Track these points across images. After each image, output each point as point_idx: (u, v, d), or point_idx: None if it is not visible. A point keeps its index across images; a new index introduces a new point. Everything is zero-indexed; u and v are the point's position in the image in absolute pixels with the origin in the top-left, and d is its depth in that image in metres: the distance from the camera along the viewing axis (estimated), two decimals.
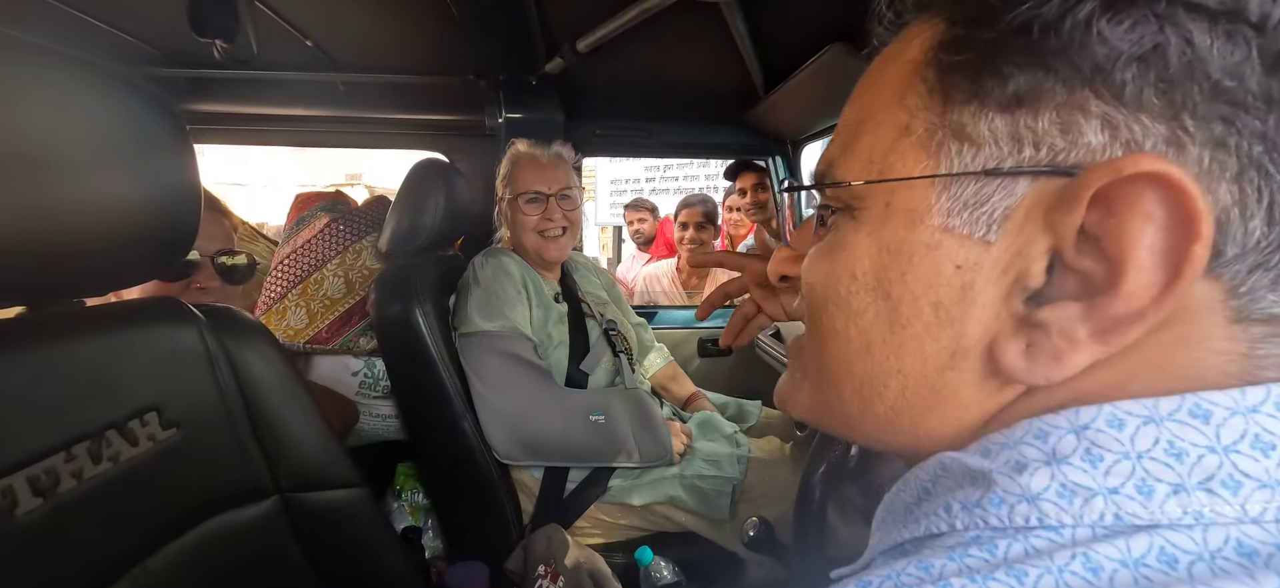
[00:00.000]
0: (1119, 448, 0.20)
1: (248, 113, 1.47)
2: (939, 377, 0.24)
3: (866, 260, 0.25)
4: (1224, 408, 0.19)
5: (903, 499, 0.26)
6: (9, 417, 0.42)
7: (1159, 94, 0.19)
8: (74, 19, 1.05)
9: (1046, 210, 0.21)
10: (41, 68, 0.44)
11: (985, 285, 0.22)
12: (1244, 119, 0.19)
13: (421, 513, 1.19)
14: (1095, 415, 0.21)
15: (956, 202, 0.23)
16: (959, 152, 0.23)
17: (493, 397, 1.03)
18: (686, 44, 1.21)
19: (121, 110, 0.49)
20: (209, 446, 0.58)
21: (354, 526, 0.71)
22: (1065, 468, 0.20)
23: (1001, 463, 0.22)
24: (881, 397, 0.26)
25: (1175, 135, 0.19)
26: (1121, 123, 0.20)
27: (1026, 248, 0.21)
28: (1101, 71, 0.20)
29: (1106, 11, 0.20)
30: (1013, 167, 0.21)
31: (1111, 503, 0.20)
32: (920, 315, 0.24)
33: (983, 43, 0.22)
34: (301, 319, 1.19)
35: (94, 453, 0.46)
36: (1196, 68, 0.19)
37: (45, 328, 0.48)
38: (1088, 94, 0.20)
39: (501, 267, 1.14)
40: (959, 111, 0.22)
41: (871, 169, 0.25)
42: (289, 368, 0.67)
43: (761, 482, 1.08)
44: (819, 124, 1.53)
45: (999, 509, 0.21)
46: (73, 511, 0.44)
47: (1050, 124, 0.21)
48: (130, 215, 0.50)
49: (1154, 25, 0.19)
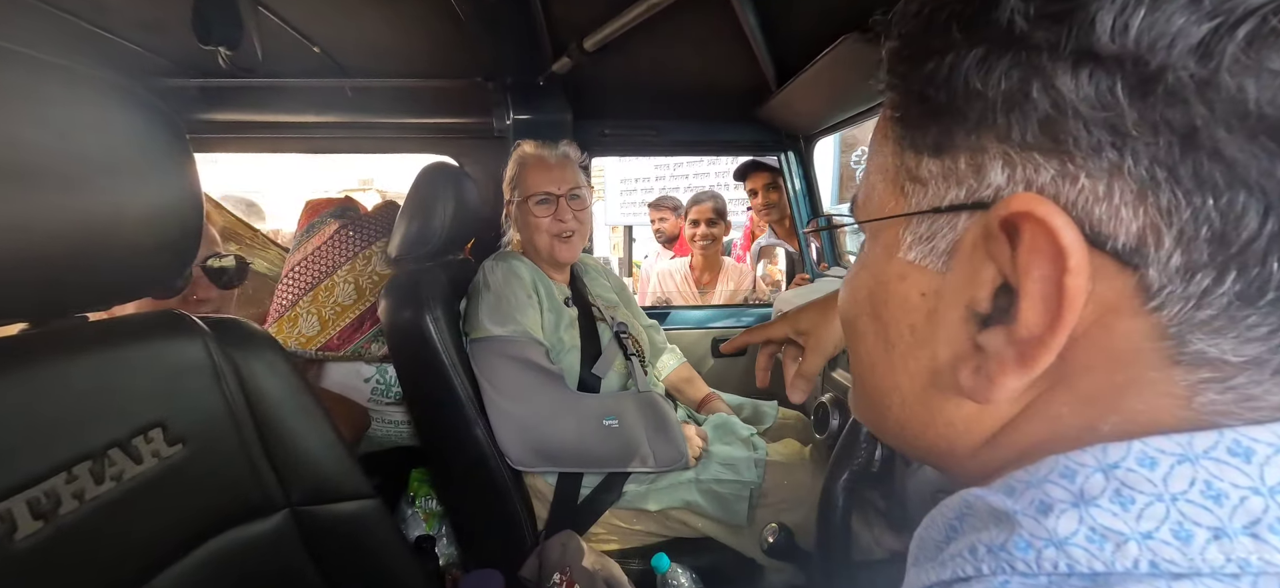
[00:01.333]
0: (1151, 489, 0.19)
1: (258, 121, 1.48)
2: (925, 395, 0.26)
3: (866, 288, 0.29)
4: (1267, 446, 0.18)
5: (932, 537, 0.26)
6: (8, 438, 0.41)
7: (1043, 133, 0.20)
8: (85, 31, 1.06)
9: (984, 241, 0.22)
10: (42, 81, 0.43)
11: (947, 311, 0.24)
12: (1132, 146, 0.19)
13: (435, 520, 1.18)
14: (1125, 454, 0.20)
15: (917, 237, 0.25)
16: (913, 192, 0.25)
17: (505, 402, 1.02)
18: (695, 39, 1.19)
19: (122, 121, 0.48)
20: (216, 461, 0.57)
21: (367, 538, 0.70)
22: (1094, 510, 0.20)
23: (1026, 503, 0.21)
24: (889, 410, 0.29)
25: (1065, 169, 0.20)
26: (1018, 161, 0.21)
27: (975, 276, 0.23)
28: (986, 119, 0.22)
29: (980, 66, 0.21)
30: (948, 204, 0.24)
31: (1146, 549, 0.19)
32: (903, 338, 0.27)
33: (907, 101, 0.25)
34: (313, 326, 1.19)
35: (97, 473, 0.45)
36: (1066, 107, 0.20)
37: (47, 345, 0.47)
38: (987, 138, 0.22)
39: (512, 271, 1.12)
40: (909, 158, 0.25)
41: (867, 207, 0.28)
42: (298, 379, 0.66)
43: (780, 486, 1.05)
44: (833, 118, 1.50)
45: (1025, 554, 0.20)
46: (74, 533, 0.43)
47: (966, 166, 0.23)
48: (133, 228, 0.49)
49: (1018, 73, 0.20)
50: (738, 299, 2.04)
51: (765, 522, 1.01)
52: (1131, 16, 0.18)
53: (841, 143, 4.10)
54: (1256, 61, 0.17)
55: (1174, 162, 0.18)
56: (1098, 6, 0.19)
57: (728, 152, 1.87)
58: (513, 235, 1.25)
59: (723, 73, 1.36)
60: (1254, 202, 0.17)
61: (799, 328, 0.66)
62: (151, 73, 1.27)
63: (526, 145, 1.22)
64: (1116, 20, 0.18)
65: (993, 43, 0.21)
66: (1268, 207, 0.17)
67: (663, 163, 3.77)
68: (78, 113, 0.45)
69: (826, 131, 1.63)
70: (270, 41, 1.11)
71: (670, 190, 3.52)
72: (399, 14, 1.08)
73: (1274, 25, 0.16)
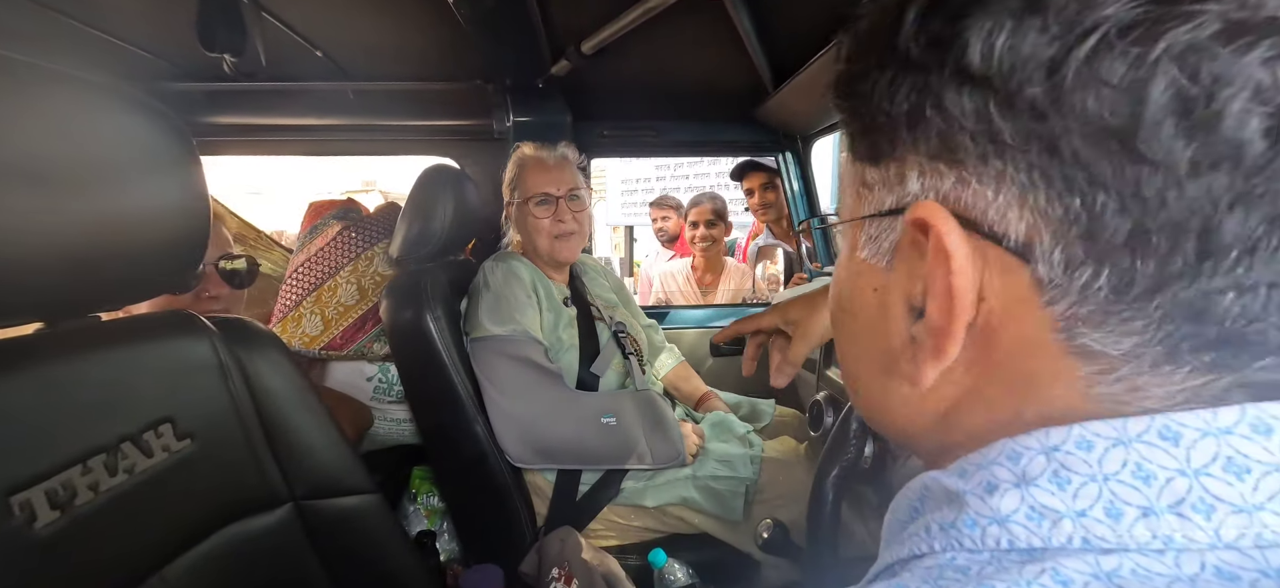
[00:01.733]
0: (1086, 470, 0.20)
1: (262, 124, 1.50)
2: (881, 380, 0.28)
3: (838, 284, 0.31)
4: (1194, 430, 0.20)
5: (898, 517, 0.27)
6: (27, 432, 0.43)
7: (941, 145, 0.22)
8: (93, 38, 1.08)
9: (913, 243, 0.24)
10: (54, 90, 0.45)
11: (893, 304, 0.26)
12: (1011, 154, 0.21)
13: (437, 516, 1.20)
14: (1065, 437, 0.21)
15: (868, 237, 0.27)
16: (865, 197, 0.27)
17: (504, 401, 1.03)
18: (691, 42, 1.20)
19: (131, 128, 0.50)
20: (223, 455, 0.59)
21: (368, 532, 0.72)
22: (1033, 490, 0.21)
23: (974, 484, 0.23)
24: (859, 394, 0.31)
25: (961, 176, 0.22)
26: (928, 171, 0.23)
27: (910, 272, 0.25)
28: (899, 134, 0.24)
29: (889, 88, 0.24)
30: (887, 208, 0.26)
31: (1080, 526, 0.20)
32: (862, 329, 0.29)
33: (847, 119, 0.28)
34: (316, 326, 1.21)
35: (110, 465, 0.47)
36: (953, 122, 0.22)
37: (62, 344, 0.49)
38: (905, 150, 0.24)
39: (512, 271, 1.14)
40: (859, 167, 0.28)
41: (841, 211, 0.31)
42: (301, 377, 0.68)
43: (775, 482, 1.07)
44: (830, 118, 1.51)
45: (972, 531, 0.22)
46: (90, 523, 0.45)
47: (894, 175, 0.25)
48: (143, 230, 0.51)
49: (916, 94, 0.23)
50: (738, 299, 2.05)
51: (761, 517, 1.02)
52: (996, 39, 0.20)
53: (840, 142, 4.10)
54: (1095, 76, 0.18)
55: (1045, 166, 0.20)
56: (970, 32, 0.21)
57: (726, 152, 1.89)
58: (512, 236, 1.27)
59: (720, 74, 1.37)
60: (1111, 201, 0.19)
61: (788, 318, 0.69)
62: (157, 77, 1.29)
63: (526, 147, 1.23)
64: (984, 44, 0.20)
65: (897, 67, 0.23)
66: (1122, 205, 0.19)
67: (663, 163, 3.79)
68: (89, 121, 0.47)
69: (824, 132, 1.64)
70: (273, 45, 1.13)
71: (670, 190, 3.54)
72: (400, 18, 1.10)
73: (1109, 41, 0.18)
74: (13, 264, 0.42)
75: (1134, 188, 0.18)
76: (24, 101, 0.43)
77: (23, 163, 0.42)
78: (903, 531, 0.26)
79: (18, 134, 0.42)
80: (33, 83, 0.44)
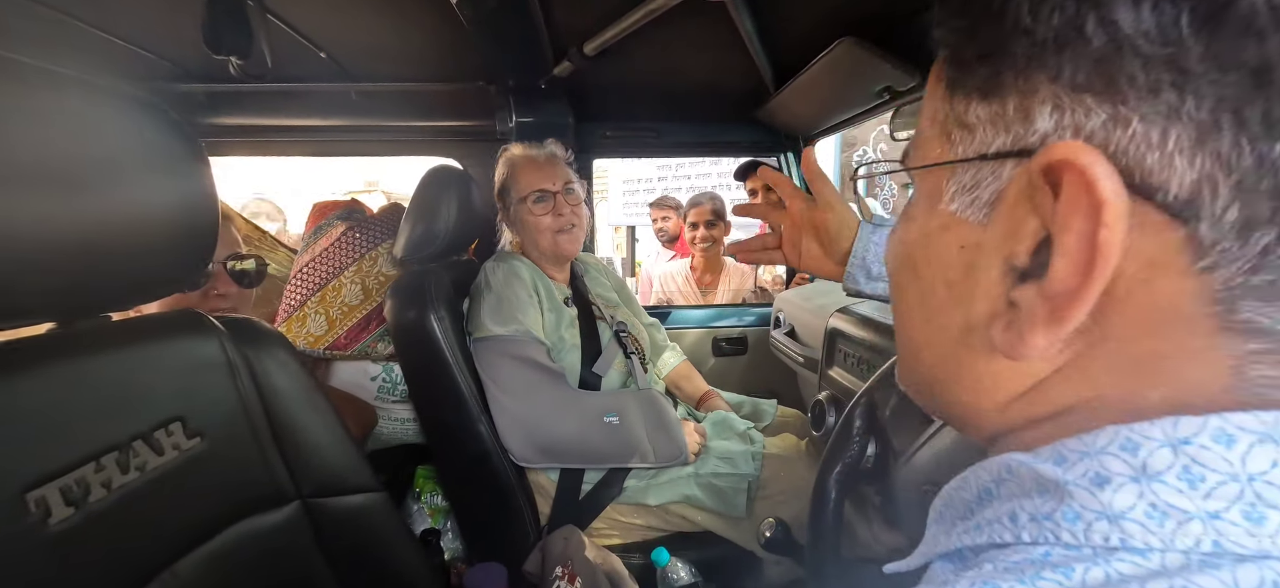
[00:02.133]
0: (1226, 468, 0.18)
1: (265, 125, 1.51)
2: (955, 350, 0.25)
3: (908, 241, 0.27)
4: None
5: (963, 497, 0.25)
6: (41, 430, 0.44)
7: (1096, 73, 0.19)
8: (100, 40, 1.09)
9: (1029, 192, 0.21)
10: (65, 94, 0.46)
11: (986, 265, 0.23)
12: (1196, 84, 0.17)
13: (441, 515, 1.20)
14: (1200, 429, 0.18)
15: (960, 186, 0.24)
16: (960, 139, 0.24)
17: (507, 400, 1.04)
18: (693, 43, 1.21)
19: (140, 130, 0.51)
20: (232, 454, 0.60)
21: (374, 529, 0.73)
22: (1157, 486, 0.18)
23: (1079, 474, 0.20)
24: (920, 364, 0.28)
25: (1118, 112, 0.19)
26: (1067, 105, 0.20)
27: (1017, 229, 0.22)
28: (1036, 59, 0.20)
29: (1029, 1, 0.20)
30: (995, 151, 0.22)
31: (1211, 528, 0.17)
32: (937, 292, 0.25)
33: (959, 42, 0.24)
34: (321, 326, 1.21)
35: (122, 463, 0.48)
36: (1125, 42, 0.18)
37: (74, 343, 0.49)
38: (1038, 80, 0.20)
39: (513, 271, 1.14)
40: (958, 102, 0.24)
41: (916, 155, 0.27)
42: (307, 376, 0.69)
43: (777, 478, 1.07)
44: (831, 119, 1.52)
45: (1073, 525, 0.19)
46: (103, 519, 0.46)
47: (1014, 111, 0.21)
48: (153, 231, 0.52)
49: (1072, 9, 0.19)
50: (738, 299, 2.06)
51: (763, 513, 1.03)
52: None
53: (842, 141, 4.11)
54: None
55: (1241, 103, 0.16)
56: None
57: (728, 152, 1.89)
58: (510, 238, 1.27)
59: (721, 75, 1.38)
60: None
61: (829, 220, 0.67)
62: (161, 78, 1.30)
63: (513, 148, 1.24)
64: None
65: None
66: None
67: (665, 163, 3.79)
68: (99, 124, 0.48)
69: (825, 132, 1.65)
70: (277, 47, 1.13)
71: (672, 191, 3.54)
72: (403, 19, 1.11)
73: None
74: (25, 265, 0.43)
75: None
76: (36, 105, 0.43)
77: (35, 165, 0.43)
78: (971, 513, 0.24)
79: (30, 137, 0.43)
80: (44, 87, 0.44)
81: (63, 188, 0.44)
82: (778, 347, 1.51)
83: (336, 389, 1.23)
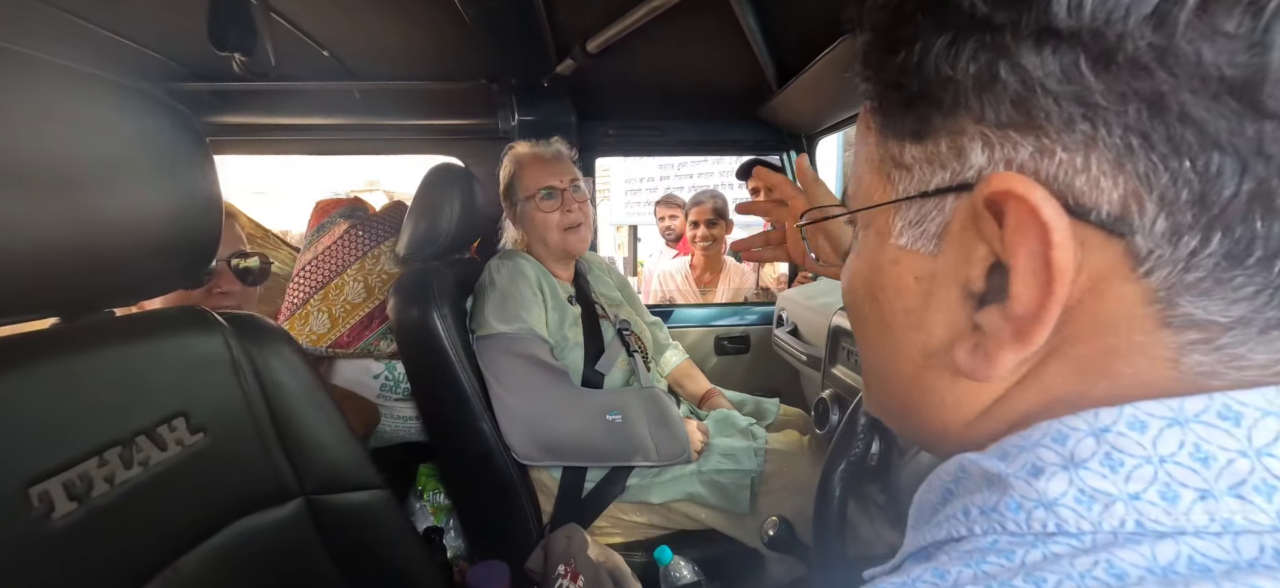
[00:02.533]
0: (1140, 452, 0.19)
1: (268, 124, 1.51)
2: (918, 374, 0.26)
3: (863, 272, 0.29)
4: (1256, 409, 0.19)
5: (929, 499, 0.26)
6: (44, 425, 0.44)
7: (1017, 111, 0.20)
8: (104, 39, 1.09)
9: (974, 222, 0.22)
10: (69, 87, 0.46)
11: (942, 292, 0.24)
12: (1104, 115, 0.19)
13: (443, 513, 1.20)
14: (1116, 418, 0.20)
15: (906, 222, 0.25)
16: (900, 179, 0.25)
17: (510, 399, 1.04)
18: (696, 40, 1.21)
19: (145, 125, 0.51)
20: (235, 450, 0.60)
21: (377, 526, 0.73)
22: (1083, 472, 0.20)
23: (1018, 467, 0.22)
24: (888, 391, 0.29)
25: (1042, 144, 0.20)
26: (996, 141, 0.21)
27: (968, 256, 0.23)
28: (960, 102, 0.22)
29: (947, 51, 0.21)
30: (935, 187, 0.24)
31: (1133, 509, 0.19)
32: (897, 320, 0.27)
33: (882, 91, 0.25)
34: (324, 324, 1.21)
35: (125, 458, 0.48)
36: (1035, 84, 0.20)
37: (77, 338, 0.49)
38: (964, 120, 0.22)
39: (517, 269, 1.14)
40: (892, 146, 0.25)
41: (857, 197, 0.29)
42: (311, 372, 0.68)
43: (780, 473, 1.07)
44: (835, 117, 1.51)
45: (1016, 514, 0.21)
46: (106, 514, 0.46)
47: (947, 149, 0.23)
48: (157, 227, 0.51)
49: (985, 56, 0.20)
50: (739, 298, 2.05)
51: (767, 508, 1.03)
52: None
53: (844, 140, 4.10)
54: (1210, 25, 0.17)
55: (1146, 128, 0.18)
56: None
57: (731, 151, 1.89)
58: (513, 236, 1.27)
59: (724, 73, 1.38)
60: (1229, 161, 0.17)
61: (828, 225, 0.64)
62: (165, 77, 1.30)
63: (519, 146, 1.24)
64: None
65: (958, 27, 0.21)
66: (1243, 166, 0.17)
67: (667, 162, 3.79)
68: (103, 118, 0.48)
69: (829, 130, 1.64)
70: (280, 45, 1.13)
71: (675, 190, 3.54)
72: (406, 18, 1.11)
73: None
74: (28, 259, 0.43)
75: (1256, 146, 0.17)
76: (39, 97, 0.43)
77: (37, 159, 0.42)
78: (935, 514, 0.25)
79: (33, 130, 0.42)
80: (46, 79, 0.44)
81: (66, 182, 0.44)
82: (780, 345, 1.50)
83: (338, 387, 1.23)
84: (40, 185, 0.42)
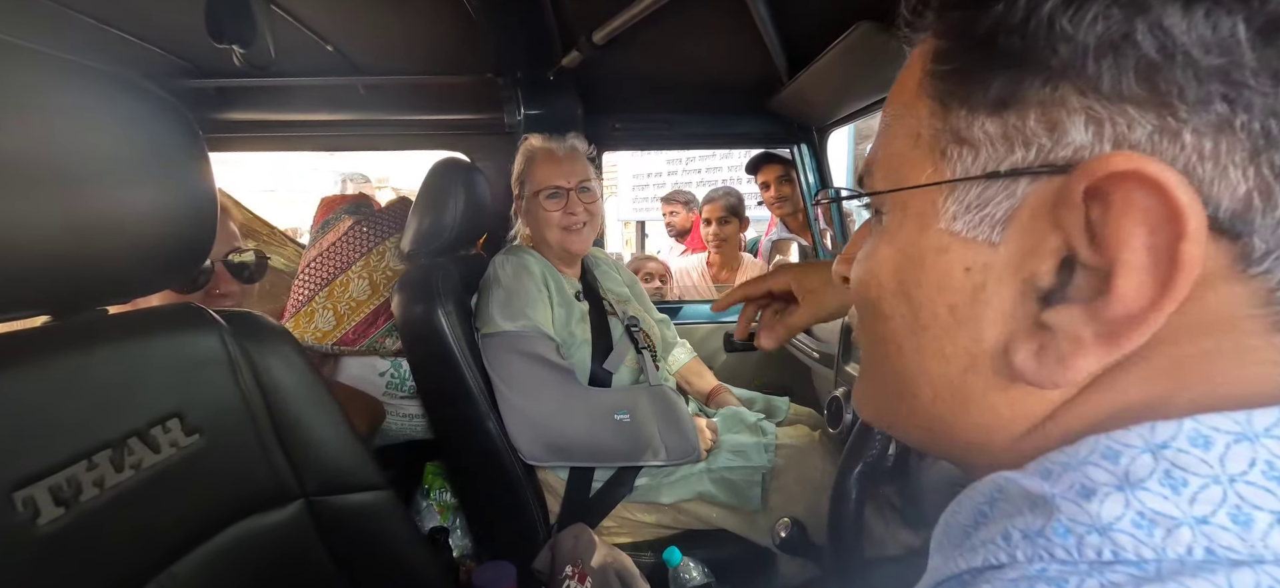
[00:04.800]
0: (1206, 470, 0.18)
1: (273, 120, 1.50)
2: (961, 379, 0.24)
3: (891, 265, 0.26)
4: None
5: (959, 521, 0.24)
6: (31, 427, 0.42)
7: (1141, 83, 0.18)
8: (104, 33, 1.08)
9: (1052, 209, 0.20)
10: (58, 78, 0.44)
11: (997, 287, 0.22)
12: (1247, 96, 0.17)
13: (449, 512, 1.19)
14: (1175, 432, 0.18)
15: (961, 205, 0.22)
16: (959, 156, 0.22)
17: (516, 398, 1.02)
18: (705, 31, 1.18)
19: (139, 120, 0.49)
20: (233, 451, 0.58)
21: (380, 528, 0.71)
22: (1141, 493, 0.18)
23: (1065, 487, 0.20)
24: (916, 399, 0.26)
25: (1166, 124, 0.18)
26: (1106, 117, 0.19)
27: (1036, 248, 0.21)
28: (1073, 67, 0.19)
29: (1068, 7, 0.19)
30: (1009, 168, 0.21)
31: (1201, 534, 0.17)
32: (938, 318, 0.24)
33: (963, 50, 0.22)
34: (329, 321, 1.20)
35: (116, 461, 0.46)
36: (1175, 51, 0.17)
37: (68, 337, 0.48)
38: (1067, 90, 0.19)
39: (523, 265, 1.12)
40: (955, 117, 0.22)
41: (890, 177, 0.26)
42: (312, 372, 0.67)
43: (791, 467, 1.05)
44: (847, 108, 1.48)
45: (1065, 540, 0.19)
46: (95, 519, 0.44)
47: (1036, 123, 0.20)
48: (151, 222, 0.50)
49: (1119, 15, 0.18)
50: None
51: (779, 505, 1.00)
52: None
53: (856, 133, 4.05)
54: None
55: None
56: None
57: (740, 144, 1.86)
58: (520, 229, 1.26)
59: (733, 65, 1.35)
60: None
61: (803, 284, 0.62)
62: (170, 73, 1.29)
63: (534, 139, 1.21)
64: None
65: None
66: None
67: (675, 157, 3.76)
68: (95, 110, 0.46)
69: (841, 123, 1.61)
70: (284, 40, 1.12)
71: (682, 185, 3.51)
72: (410, 11, 1.09)
73: None
74: (18, 256, 0.41)
75: None
76: (27, 89, 0.42)
77: (27, 152, 0.41)
78: (967, 537, 0.23)
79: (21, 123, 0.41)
80: (36, 69, 0.42)
81: (57, 175, 0.43)
82: (792, 342, 1.48)
83: (344, 384, 1.22)
84: (29, 180, 0.41)
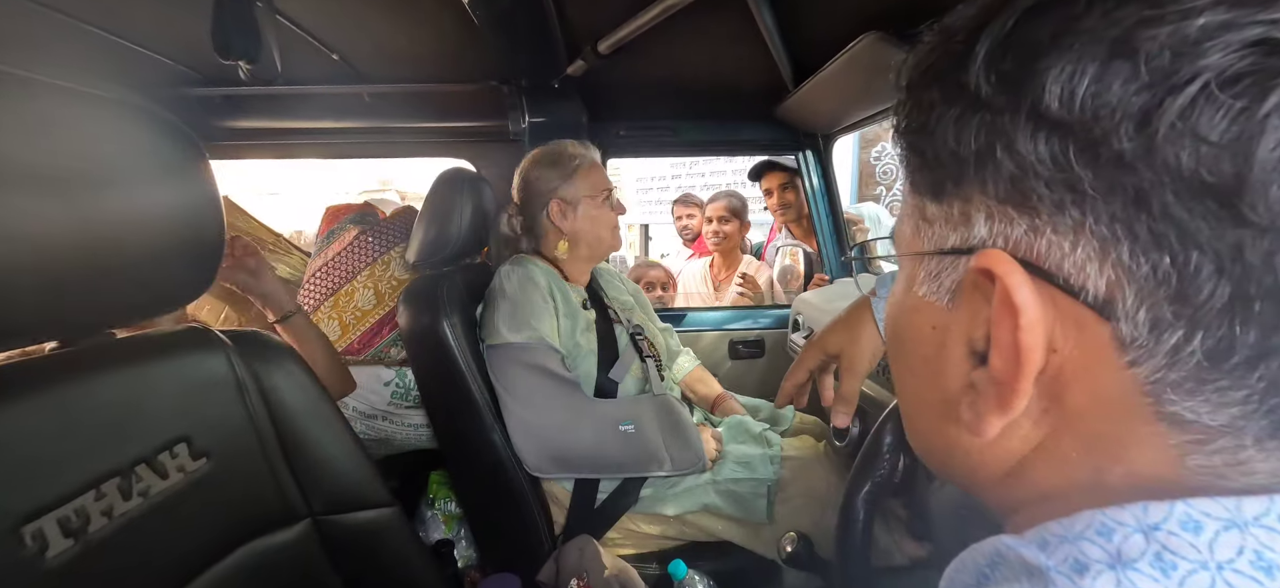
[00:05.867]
0: (1195, 556, 0.18)
1: (279, 128, 1.51)
2: (939, 424, 0.27)
3: (892, 313, 0.30)
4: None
5: (962, 580, 0.25)
6: (39, 459, 0.42)
7: (1013, 189, 0.21)
8: (111, 45, 1.08)
9: (978, 285, 0.23)
10: (61, 104, 0.44)
11: (952, 345, 0.25)
12: (1092, 204, 0.19)
13: (455, 522, 1.19)
14: (1167, 514, 0.19)
15: (928, 273, 0.26)
16: (924, 231, 0.26)
17: (521, 411, 1.02)
18: (710, 39, 1.17)
19: (141, 142, 0.49)
20: (240, 473, 0.58)
21: (387, 545, 0.71)
22: (1132, 574, 0.19)
23: (1060, 559, 0.21)
24: (917, 431, 0.30)
25: (1035, 225, 0.21)
26: (996, 215, 0.22)
27: (974, 315, 0.23)
28: (966, 174, 0.22)
29: (955, 125, 0.22)
30: (950, 247, 0.24)
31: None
32: (918, 367, 0.28)
33: (910, 148, 0.26)
34: (334, 331, 1.20)
35: (124, 489, 0.46)
36: (1027, 167, 0.20)
37: (74, 364, 0.48)
38: (972, 190, 0.23)
39: (528, 276, 1.12)
40: (919, 199, 0.26)
41: (897, 240, 0.30)
42: (318, 389, 0.67)
43: (796, 480, 1.04)
44: (853, 117, 1.47)
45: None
46: (104, 549, 0.44)
47: (958, 214, 0.24)
48: (160, 243, 0.50)
49: (985, 134, 0.21)
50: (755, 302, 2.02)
51: (784, 518, 1.00)
52: (1077, 85, 0.18)
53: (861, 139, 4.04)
54: (1192, 132, 0.17)
55: (1130, 220, 0.18)
56: (1047, 74, 0.19)
57: (745, 151, 1.85)
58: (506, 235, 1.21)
59: (739, 72, 1.34)
60: (1207, 262, 0.17)
61: (828, 350, 0.66)
62: (176, 83, 1.30)
63: (570, 145, 1.17)
64: (1064, 88, 0.19)
65: (965, 105, 0.22)
66: (1220, 268, 0.17)
67: (679, 162, 3.76)
68: (98, 136, 0.46)
69: (846, 130, 1.60)
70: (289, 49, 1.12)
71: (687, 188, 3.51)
72: (414, 19, 1.09)
73: (1211, 94, 0.16)
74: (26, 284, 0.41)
75: (1234, 251, 0.17)
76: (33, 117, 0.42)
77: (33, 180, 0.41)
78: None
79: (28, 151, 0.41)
80: (40, 97, 0.42)
81: (63, 202, 0.43)
82: (796, 350, 1.47)
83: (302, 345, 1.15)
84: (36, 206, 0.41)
